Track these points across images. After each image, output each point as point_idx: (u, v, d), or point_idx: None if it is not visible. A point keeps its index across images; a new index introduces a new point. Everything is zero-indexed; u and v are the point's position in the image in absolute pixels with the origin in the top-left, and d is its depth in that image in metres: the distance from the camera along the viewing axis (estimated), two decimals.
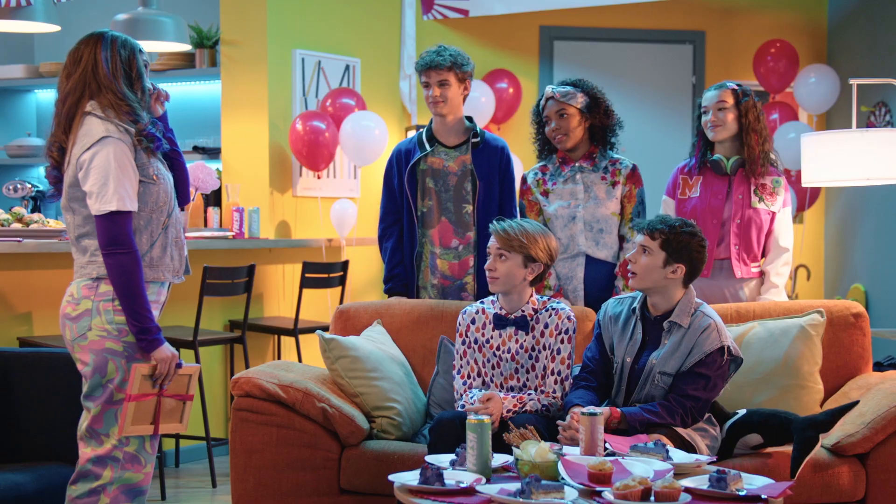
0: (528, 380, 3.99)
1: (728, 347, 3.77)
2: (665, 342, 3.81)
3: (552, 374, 3.96)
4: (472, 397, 3.95)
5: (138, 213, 3.39)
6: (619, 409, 3.69)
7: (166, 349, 3.39)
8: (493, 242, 4.01)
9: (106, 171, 3.31)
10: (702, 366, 3.74)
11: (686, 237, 3.80)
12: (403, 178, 4.69)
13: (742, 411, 3.93)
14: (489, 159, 4.68)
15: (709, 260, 4.59)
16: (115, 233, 3.32)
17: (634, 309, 3.92)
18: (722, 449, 3.85)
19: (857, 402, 3.77)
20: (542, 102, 4.68)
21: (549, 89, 4.66)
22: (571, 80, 4.69)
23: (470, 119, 4.76)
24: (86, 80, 3.42)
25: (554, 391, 3.95)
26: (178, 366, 3.44)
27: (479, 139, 4.70)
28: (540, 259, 3.97)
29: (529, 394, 3.95)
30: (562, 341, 3.97)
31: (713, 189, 4.65)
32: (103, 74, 3.41)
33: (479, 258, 4.66)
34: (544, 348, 3.98)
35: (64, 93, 3.45)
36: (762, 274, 4.69)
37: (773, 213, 4.63)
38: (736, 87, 4.66)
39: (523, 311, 4.02)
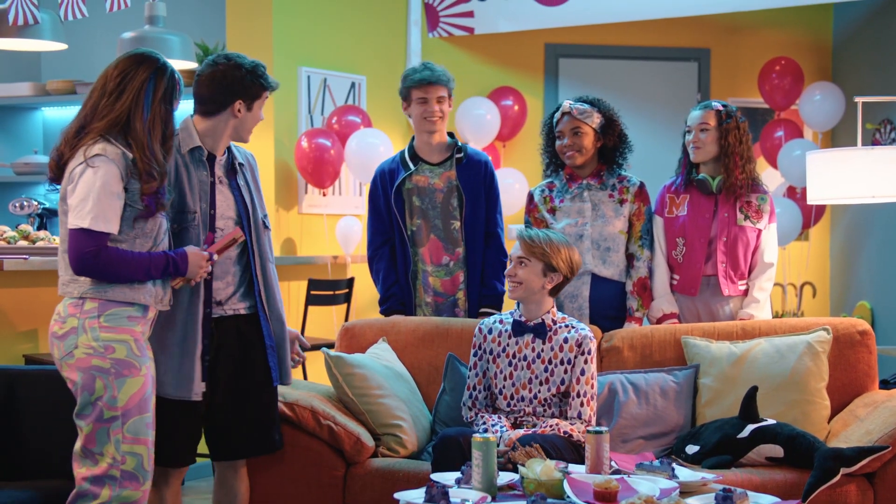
0: (538, 391, 3.98)
1: None
2: None
3: (578, 396, 3.93)
4: (499, 435, 3.85)
5: (124, 234, 3.35)
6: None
7: (190, 257, 3.46)
8: (515, 249, 4.02)
9: (89, 188, 3.27)
10: None
11: None
12: (390, 198, 4.67)
13: (771, 420, 3.92)
14: (474, 174, 4.67)
15: (696, 277, 4.59)
16: (81, 250, 3.27)
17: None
18: (738, 449, 3.84)
19: (887, 448, 3.74)
20: (557, 116, 4.63)
21: (566, 104, 4.60)
22: (589, 98, 4.63)
23: (451, 135, 4.75)
24: (118, 122, 3.35)
25: (580, 413, 3.93)
26: (210, 259, 3.52)
27: (462, 154, 4.68)
28: (560, 269, 3.97)
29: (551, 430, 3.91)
30: (585, 361, 3.95)
31: (700, 207, 4.63)
32: (139, 128, 3.36)
33: (469, 274, 4.65)
34: (561, 363, 3.97)
35: (87, 121, 3.37)
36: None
37: (760, 231, 4.62)
38: (720, 109, 4.61)
39: (543, 319, 4.02)
